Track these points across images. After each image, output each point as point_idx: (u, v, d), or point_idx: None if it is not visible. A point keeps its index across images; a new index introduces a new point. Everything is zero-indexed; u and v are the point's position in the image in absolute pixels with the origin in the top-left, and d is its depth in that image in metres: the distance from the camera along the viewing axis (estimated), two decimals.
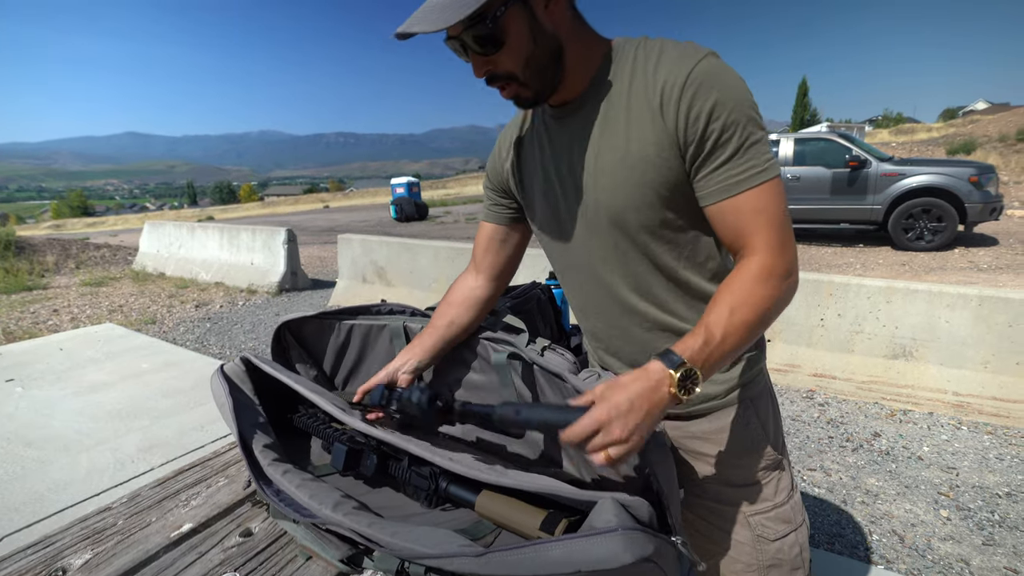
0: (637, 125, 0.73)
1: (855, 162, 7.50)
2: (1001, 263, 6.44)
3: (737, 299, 0.68)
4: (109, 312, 5.83)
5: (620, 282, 0.83)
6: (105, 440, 2.58)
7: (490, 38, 0.69)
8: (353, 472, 0.93)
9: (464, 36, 0.70)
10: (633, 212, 0.76)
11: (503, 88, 0.75)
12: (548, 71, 0.74)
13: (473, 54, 0.72)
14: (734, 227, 0.72)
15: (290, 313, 1.19)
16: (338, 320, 1.17)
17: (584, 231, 0.83)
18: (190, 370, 3.59)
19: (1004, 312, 2.83)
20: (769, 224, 0.70)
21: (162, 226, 8.37)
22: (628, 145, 0.73)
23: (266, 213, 28.46)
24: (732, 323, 0.66)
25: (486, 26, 0.68)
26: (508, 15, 0.68)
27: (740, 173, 0.69)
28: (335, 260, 8.05)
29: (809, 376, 3.27)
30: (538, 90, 0.75)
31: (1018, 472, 2.30)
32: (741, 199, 0.70)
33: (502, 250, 0.99)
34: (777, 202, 0.70)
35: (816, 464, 2.42)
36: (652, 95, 0.71)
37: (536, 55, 0.71)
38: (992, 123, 19.49)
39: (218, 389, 0.99)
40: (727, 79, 0.69)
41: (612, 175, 0.76)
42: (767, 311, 0.69)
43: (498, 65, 0.72)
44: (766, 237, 0.70)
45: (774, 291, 0.69)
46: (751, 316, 0.67)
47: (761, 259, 0.70)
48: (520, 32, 0.69)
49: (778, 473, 0.88)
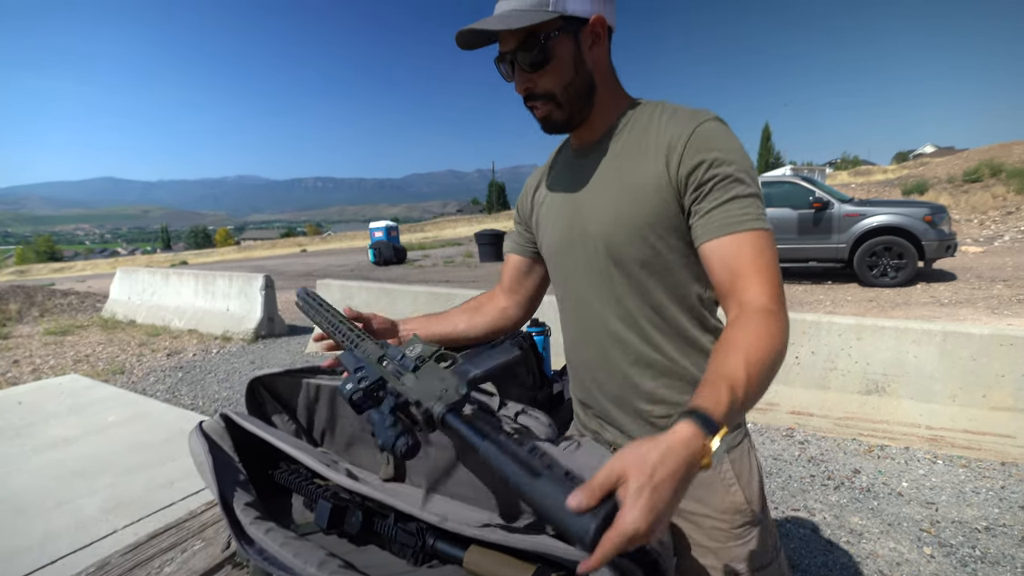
0: (642, 167, 0.80)
1: (819, 203, 7.89)
2: (960, 297, 6.73)
3: (751, 343, 0.63)
4: (75, 362, 5.60)
5: (610, 312, 0.87)
6: (65, 501, 2.44)
7: (539, 55, 0.79)
8: (338, 530, 0.90)
9: (516, 52, 0.80)
10: (628, 245, 0.81)
11: (537, 108, 0.84)
12: (583, 101, 0.83)
13: (519, 71, 0.82)
14: (732, 265, 0.72)
15: (259, 370, 1.18)
16: (303, 378, 1.13)
17: (584, 261, 0.88)
18: (160, 423, 3.45)
19: (966, 347, 2.95)
20: (766, 267, 0.72)
21: (135, 272, 8.19)
22: (632, 181, 0.81)
23: (242, 257, 28.10)
24: (751, 382, 0.60)
25: (538, 42, 0.78)
26: (558, 40, 0.79)
27: (741, 214, 0.74)
28: None
29: (787, 414, 3.31)
30: (570, 114, 0.84)
31: (994, 505, 2.34)
32: (741, 237, 0.73)
33: (526, 280, 1.08)
34: (773, 252, 0.74)
35: (800, 504, 2.43)
36: (661, 144, 0.79)
37: (575, 83, 0.81)
38: (940, 165, 20.78)
39: (197, 448, 0.97)
40: (729, 140, 0.77)
41: (613, 208, 0.82)
42: (777, 356, 0.65)
43: (538, 84, 0.82)
44: (765, 278, 0.71)
45: (780, 334, 0.66)
46: (767, 371, 0.63)
47: (758, 303, 0.69)
48: (565, 58, 0.80)
49: (760, 532, 0.87)
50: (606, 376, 0.90)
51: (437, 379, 0.69)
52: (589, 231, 0.86)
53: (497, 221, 34.22)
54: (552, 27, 0.78)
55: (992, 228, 12.80)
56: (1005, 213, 13.75)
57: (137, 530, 2.19)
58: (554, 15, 0.76)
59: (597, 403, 0.93)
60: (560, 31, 0.78)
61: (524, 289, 1.09)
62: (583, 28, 0.80)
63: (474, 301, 1.10)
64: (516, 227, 1.09)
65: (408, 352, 0.73)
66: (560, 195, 0.93)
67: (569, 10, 0.78)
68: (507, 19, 0.76)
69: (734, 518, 0.85)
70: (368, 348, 0.80)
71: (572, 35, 0.79)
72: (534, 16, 0.76)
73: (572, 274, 0.91)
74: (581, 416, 1.00)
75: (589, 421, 0.97)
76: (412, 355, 0.72)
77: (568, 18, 0.78)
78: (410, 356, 0.72)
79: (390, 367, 0.73)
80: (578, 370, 0.98)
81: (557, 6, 0.77)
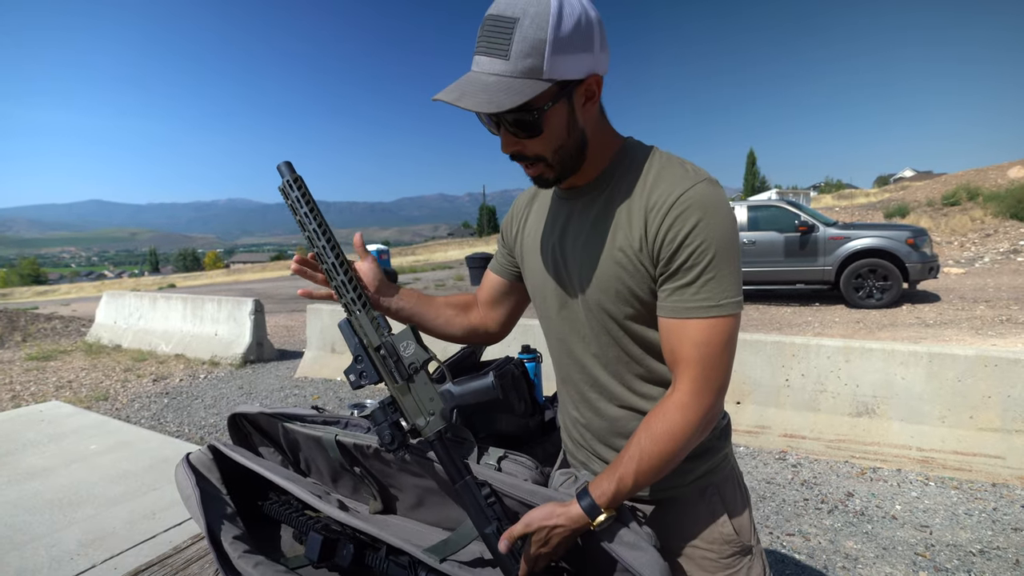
0: (625, 228, 0.78)
1: (804, 227, 8.05)
2: (945, 318, 6.84)
3: (653, 446, 0.73)
4: (56, 388, 5.47)
5: (592, 360, 0.87)
6: (40, 535, 2.36)
7: (530, 126, 0.72)
8: (328, 563, 0.89)
9: (503, 116, 0.72)
10: (609, 303, 0.81)
11: (527, 167, 0.80)
12: (574, 159, 0.79)
13: (504, 133, 0.76)
14: (673, 348, 0.75)
15: (239, 405, 1.16)
16: (279, 421, 1.11)
17: (565, 309, 0.88)
18: (144, 450, 3.37)
19: (952, 368, 2.99)
20: (701, 360, 0.73)
21: (121, 296, 8.08)
22: (614, 243, 0.79)
23: (231, 280, 27.88)
24: (644, 474, 0.73)
25: (531, 115, 0.71)
26: (553, 109, 0.72)
27: (692, 301, 0.73)
28: (302, 329, 7.88)
29: (779, 437, 3.31)
30: (560, 174, 0.80)
31: (987, 528, 2.34)
32: (685, 325, 0.73)
33: (505, 301, 1.06)
34: (718, 340, 0.72)
35: (795, 528, 2.41)
36: (643, 205, 0.76)
37: (567, 146, 0.76)
38: (920, 189, 21.34)
39: (184, 481, 0.95)
40: (713, 208, 0.72)
41: (594, 266, 0.81)
42: (681, 452, 0.74)
43: (528, 148, 0.76)
44: (693, 372, 0.73)
45: (688, 433, 0.73)
46: (662, 464, 0.74)
47: (681, 398, 0.74)
48: (559, 125, 0.74)
49: (748, 560, 0.86)
50: (592, 415, 0.90)
51: (427, 396, 0.79)
52: (572, 288, 0.86)
53: (488, 244, 34.41)
54: (547, 98, 0.70)
55: (972, 250, 13.11)
56: (984, 235, 14.10)
57: (117, 564, 2.11)
58: (548, 84, 0.68)
59: (583, 439, 0.94)
60: (554, 100, 0.71)
61: (502, 309, 1.07)
62: (577, 88, 0.73)
63: (462, 300, 1.08)
64: (500, 248, 1.07)
65: (403, 351, 0.78)
66: (544, 237, 0.91)
67: (565, 75, 0.69)
68: (495, 95, 0.67)
69: (723, 548, 0.85)
70: (365, 326, 0.81)
71: (566, 99, 0.72)
72: (526, 91, 0.67)
73: (555, 318, 0.91)
74: (569, 445, 0.99)
75: (577, 451, 0.96)
76: (407, 355, 0.78)
77: (563, 83, 0.70)
78: (405, 356, 0.78)
79: (388, 364, 0.79)
80: (565, 404, 0.98)
81: (552, 72, 0.68)
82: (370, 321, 0.80)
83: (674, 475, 0.85)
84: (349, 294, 0.81)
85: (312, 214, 0.81)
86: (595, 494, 0.73)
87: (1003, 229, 14.23)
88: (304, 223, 0.81)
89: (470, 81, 0.70)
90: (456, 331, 1.04)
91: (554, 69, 0.68)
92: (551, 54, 0.67)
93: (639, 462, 0.73)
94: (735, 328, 0.74)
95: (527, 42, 0.66)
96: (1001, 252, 12.41)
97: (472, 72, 0.71)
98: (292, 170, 0.81)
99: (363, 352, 0.79)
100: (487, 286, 1.07)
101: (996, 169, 19.85)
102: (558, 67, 0.68)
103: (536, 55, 0.67)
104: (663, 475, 0.75)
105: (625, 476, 0.73)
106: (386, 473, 0.97)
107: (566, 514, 0.73)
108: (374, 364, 0.79)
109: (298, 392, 5.03)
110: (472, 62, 0.72)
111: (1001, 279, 9.74)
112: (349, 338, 0.80)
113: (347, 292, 0.81)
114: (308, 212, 0.81)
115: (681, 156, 0.81)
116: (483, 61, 0.70)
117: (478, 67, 0.70)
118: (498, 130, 0.76)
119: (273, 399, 4.87)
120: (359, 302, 0.80)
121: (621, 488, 0.73)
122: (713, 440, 0.87)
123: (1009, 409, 2.85)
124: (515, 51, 0.67)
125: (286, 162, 0.81)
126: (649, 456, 0.73)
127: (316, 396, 4.86)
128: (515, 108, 0.68)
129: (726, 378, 0.75)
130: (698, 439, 0.75)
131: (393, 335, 0.80)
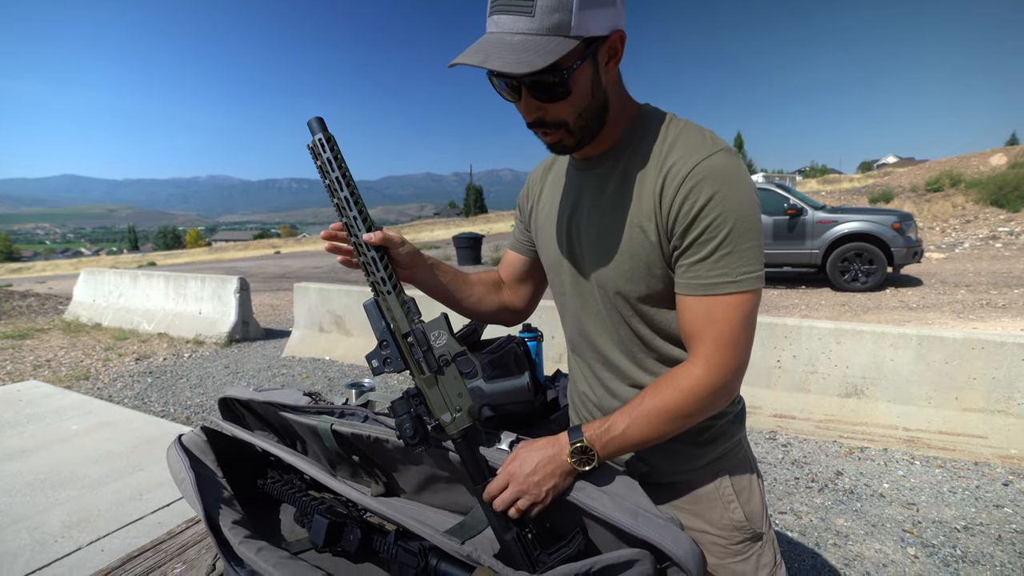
0: (638, 201, 0.74)
1: (793, 210, 8.09)
2: (928, 302, 6.97)
3: (654, 400, 0.72)
4: (34, 367, 5.32)
5: (606, 338, 0.84)
6: (22, 517, 2.29)
7: (558, 88, 0.67)
8: (334, 547, 0.85)
9: (527, 80, 0.66)
10: (623, 282, 0.77)
11: (546, 134, 0.74)
12: (595, 123, 0.74)
13: (528, 97, 0.70)
14: (687, 325, 0.73)
15: (230, 389, 1.10)
16: (273, 408, 1.06)
17: (579, 286, 0.85)
18: (127, 431, 3.29)
19: (940, 350, 3.03)
20: (717, 336, 0.70)
21: (101, 273, 7.85)
22: (630, 219, 0.75)
23: (213, 259, 27.34)
24: (637, 420, 0.71)
25: (560, 75, 0.66)
26: (580, 69, 0.67)
27: (709, 277, 0.69)
28: (288, 308, 7.75)
29: (770, 417, 3.35)
30: (580, 140, 0.75)
31: (970, 505, 2.40)
32: (701, 301, 0.70)
33: (527, 280, 1.03)
34: (735, 316, 0.69)
35: (786, 507, 2.45)
36: (658, 176, 0.72)
37: (590, 108, 0.71)
38: (904, 175, 21.61)
39: (176, 463, 0.90)
40: (730, 179, 0.68)
41: (609, 243, 0.77)
42: (679, 417, 0.72)
43: (551, 113, 0.71)
44: (708, 348, 0.70)
45: (693, 402, 0.71)
46: (658, 419, 0.71)
47: (693, 369, 0.71)
48: (584, 85, 0.69)
49: (759, 547, 0.85)
50: (603, 393, 0.88)
51: (455, 391, 0.73)
52: (586, 265, 0.82)
53: (475, 224, 34.13)
54: (574, 57, 0.65)
55: (953, 235, 13.35)
56: (964, 221, 14.36)
57: (104, 546, 2.06)
58: (576, 42, 0.64)
59: (592, 417, 0.91)
60: (583, 58, 0.66)
61: (526, 287, 1.04)
62: (601, 46, 0.68)
63: (492, 277, 1.03)
64: (517, 224, 1.04)
65: (433, 340, 0.73)
66: (559, 210, 0.87)
67: (591, 31, 0.65)
68: (523, 55, 0.62)
69: (732, 535, 0.83)
70: (395, 310, 0.73)
71: (591, 58, 0.68)
72: (555, 48, 0.62)
73: (569, 295, 0.88)
74: (577, 423, 0.97)
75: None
76: (438, 345, 0.73)
77: (589, 40, 0.66)
78: (436, 347, 0.73)
79: (417, 353, 0.73)
80: (576, 379, 0.96)
81: (580, 28, 0.64)
82: (400, 305, 0.73)
83: (686, 459, 0.83)
84: (379, 272, 0.73)
85: (344, 179, 0.72)
86: (584, 427, 0.73)
87: (983, 216, 14.50)
88: (334, 188, 0.72)
89: (492, 42, 0.64)
90: (488, 309, 0.99)
91: (581, 25, 0.64)
92: (579, 8, 0.63)
93: (636, 411, 0.72)
94: (754, 305, 0.70)
95: None
96: (980, 238, 12.66)
97: (492, 33, 0.66)
98: (324, 126, 0.72)
99: (390, 337, 0.73)
100: (508, 264, 1.04)
101: (978, 156, 20.16)
102: (585, 22, 0.64)
103: (564, 10, 0.62)
104: (656, 436, 0.72)
105: (618, 421, 0.72)
106: (387, 460, 0.93)
107: (551, 439, 0.73)
108: (401, 351, 0.73)
109: (286, 371, 4.95)
110: (488, 23, 0.66)
111: (980, 264, 9.95)
112: (375, 321, 0.73)
113: (377, 271, 0.73)
114: (340, 177, 0.71)
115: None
116: (504, 20, 0.64)
117: (498, 27, 0.65)
118: (517, 96, 0.71)
119: (260, 378, 4.80)
120: (389, 282, 0.73)
121: (612, 430, 0.72)
122: (727, 425, 0.85)
123: (993, 391, 2.91)
124: (540, 6, 0.62)
125: (317, 118, 0.72)
126: (648, 410, 0.71)
127: (304, 376, 4.79)
128: (546, 68, 0.62)
129: (744, 357, 0.72)
130: (702, 414, 0.73)
131: (424, 322, 0.73)
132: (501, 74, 0.67)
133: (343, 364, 5.07)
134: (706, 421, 0.78)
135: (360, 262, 0.75)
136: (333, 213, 0.76)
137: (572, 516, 0.73)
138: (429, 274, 0.86)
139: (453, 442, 0.73)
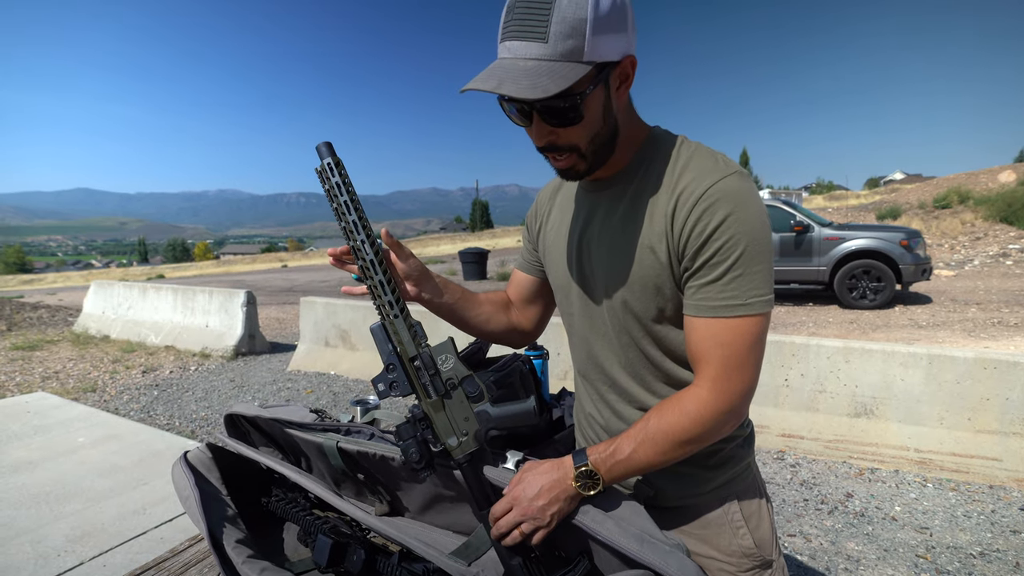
0: (649, 222, 0.74)
1: (799, 227, 8.08)
2: (938, 320, 6.90)
3: (659, 423, 0.71)
4: (43, 379, 5.36)
5: (613, 360, 0.84)
6: (25, 530, 2.29)
7: (570, 113, 0.68)
8: (337, 568, 0.84)
9: (539, 105, 0.67)
10: (635, 302, 0.77)
11: (558, 159, 0.74)
12: (606, 148, 0.74)
13: (539, 122, 0.70)
14: (695, 346, 0.72)
15: (236, 405, 1.11)
16: (279, 425, 1.06)
17: (588, 307, 0.85)
18: (133, 443, 3.30)
19: (951, 370, 2.99)
20: (724, 360, 0.69)
21: (110, 286, 7.94)
22: (642, 240, 0.75)
23: (221, 272, 27.58)
24: (643, 444, 0.71)
25: (573, 100, 0.66)
26: (592, 94, 0.67)
27: (718, 299, 0.69)
28: (294, 322, 7.79)
29: (778, 437, 3.30)
30: (592, 165, 0.75)
31: (986, 530, 2.34)
32: (710, 323, 0.70)
33: (535, 301, 1.03)
34: (744, 339, 0.69)
35: (795, 529, 2.40)
36: (670, 198, 0.72)
37: (602, 133, 0.72)
38: (911, 192, 21.53)
39: (181, 480, 0.90)
40: (743, 202, 0.68)
41: (620, 264, 0.77)
42: (686, 442, 0.71)
43: (562, 138, 0.71)
44: (716, 372, 0.70)
45: (700, 427, 0.70)
46: (664, 443, 0.71)
47: (700, 392, 0.70)
48: (596, 110, 0.69)
49: (768, 574, 0.83)
50: (610, 415, 0.87)
51: (461, 415, 0.73)
52: (595, 286, 0.82)
53: (480, 239, 34.29)
54: (587, 82, 0.66)
55: (962, 253, 13.24)
56: (974, 238, 14.25)
57: (106, 561, 2.05)
58: (589, 67, 0.64)
59: (599, 439, 0.90)
60: (596, 84, 0.67)
61: (535, 307, 1.04)
62: (613, 71, 0.69)
63: (500, 297, 1.03)
64: (525, 243, 1.03)
65: (440, 364, 0.73)
66: (568, 230, 0.87)
67: (604, 56, 0.66)
68: (537, 80, 0.62)
69: (741, 561, 0.82)
70: (402, 334, 0.74)
71: (603, 83, 0.68)
72: (569, 74, 0.63)
73: (577, 315, 0.88)
74: (583, 444, 0.96)
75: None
76: (445, 369, 0.73)
77: (601, 65, 0.66)
78: (443, 371, 0.73)
79: (424, 377, 0.73)
80: (582, 400, 0.95)
81: (592, 54, 0.64)
82: (407, 329, 0.73)
83: (694, 483, 0.82)
84: (387, 296, 0.73)
85: (352, 203, 0.73)
86: (589, 451, 0.73)
87: (992, 232, 14.39)
88: (342, 212, 0.73)
89: (505, 68, 0.65)
90: (496, 328, 0.99)
91: (594, 50, 0.64)
92: (592, 34, 0.64)
93: (641, 434, 0.71)
94: (763, 328, 0.70)
95: (566, 22, 0.62)
96: (991, 255, 12.55)
97: (504, 59, 0.66)
98: (332, 151, 0.73)
99: (396, 361, 0.73)
100: (516, 285, 1.04)
101: (987, 173, 20.07)
102: (598, 48, 0.65)
103: (577, 36, 0.63)
104: (662, 461, 0.72)
105: (623, 444, 0.71)
106: (393, 478, 0.92)
107: (556, 463, 0.72)
108: (407, 375, 0.73)
109: (291, 386, 4.96)
110: (500, 49, 0.67)
111: (991, 282, 9.84)
112: (382, 344, 0.74)
113: (384, 294, 0.74)
114: (348, 201, 0.72)
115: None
116: (516, 46, 0.65)
117: (511, 52, 0.66)
118: (528, 121, 0.71)
119: (266, 392, 4.80)
120: (396, 306, 0.74)
121: (617, 454, 0.71)
122: (736, 448, 0.84)
123: (1007, 412, 2.86)
124: (554, 32, 0.63)
125: (326, 142, 0.73)
126: (653, 433, 0.71)
127: (309, 390, 4.79)
128: (559, 94, 0.63)
129: (752, 381, 0.71)
130: (709, 438, 0.72)
131: (430, 346, 0.74)
132: (513, 99, 0.68)
133: (348, 379, 5.07)
134: (715, 445, 0.77)
135: (367, 285, 0.76)
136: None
137: (577, 540, 0.72)
138: (436, 292, 0.87)
139: (459, 467, 0.73)
